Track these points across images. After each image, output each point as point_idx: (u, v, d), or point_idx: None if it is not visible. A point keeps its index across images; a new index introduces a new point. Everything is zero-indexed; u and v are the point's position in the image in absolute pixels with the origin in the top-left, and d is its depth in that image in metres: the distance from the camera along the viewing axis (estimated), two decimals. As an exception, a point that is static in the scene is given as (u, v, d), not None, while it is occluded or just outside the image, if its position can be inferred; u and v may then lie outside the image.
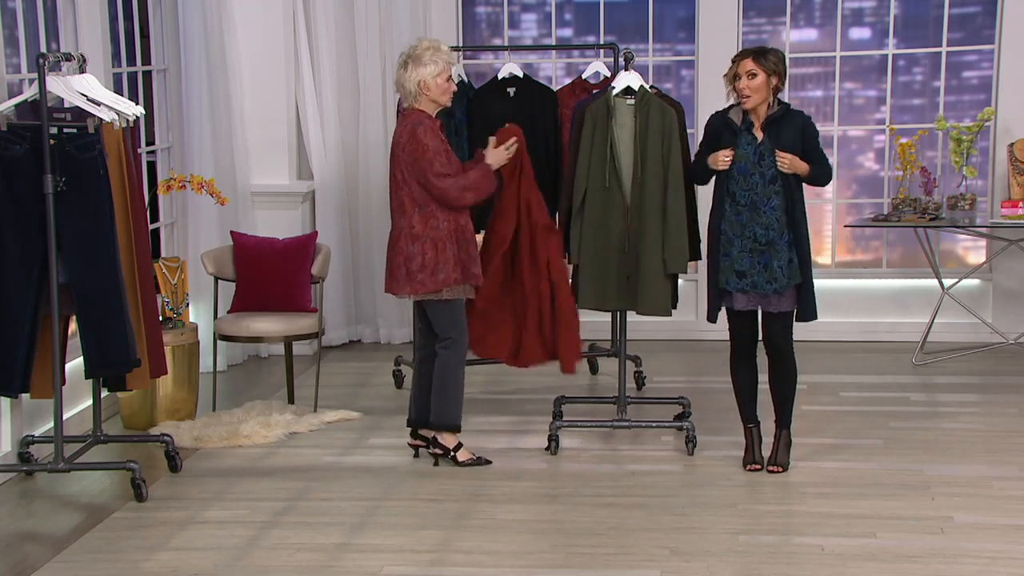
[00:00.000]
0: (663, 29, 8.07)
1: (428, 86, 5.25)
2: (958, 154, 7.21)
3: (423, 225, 5.26)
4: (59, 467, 5.12)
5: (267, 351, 7.53)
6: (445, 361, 5.40)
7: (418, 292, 5.29)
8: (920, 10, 7.85)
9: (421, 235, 5.27)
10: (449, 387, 5.41)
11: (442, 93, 5.29)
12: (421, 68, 5.25)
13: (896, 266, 7.87)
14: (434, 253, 5.25)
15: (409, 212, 5.27)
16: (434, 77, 5.25)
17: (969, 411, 6.25)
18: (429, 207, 5.26)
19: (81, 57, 5.25)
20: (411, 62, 5.27)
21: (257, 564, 4.47)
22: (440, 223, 5.26)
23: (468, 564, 4.44)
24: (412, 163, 5.22)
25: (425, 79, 5.25)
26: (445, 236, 5.26)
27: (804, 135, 5.15)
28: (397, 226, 5.33)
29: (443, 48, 5.31)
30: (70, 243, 5.02)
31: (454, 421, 5.44)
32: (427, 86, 5.25)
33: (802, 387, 5.75)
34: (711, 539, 4.62)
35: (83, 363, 5.15)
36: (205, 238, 7.00)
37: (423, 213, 5.26)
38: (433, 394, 5.46)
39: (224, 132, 7.15)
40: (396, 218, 5.34)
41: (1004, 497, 5.02)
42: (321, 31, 7.57)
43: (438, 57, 5.26)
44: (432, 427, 5.47)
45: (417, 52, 5.28)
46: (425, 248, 5.26)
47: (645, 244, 5.42)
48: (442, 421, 5.44)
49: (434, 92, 5.27)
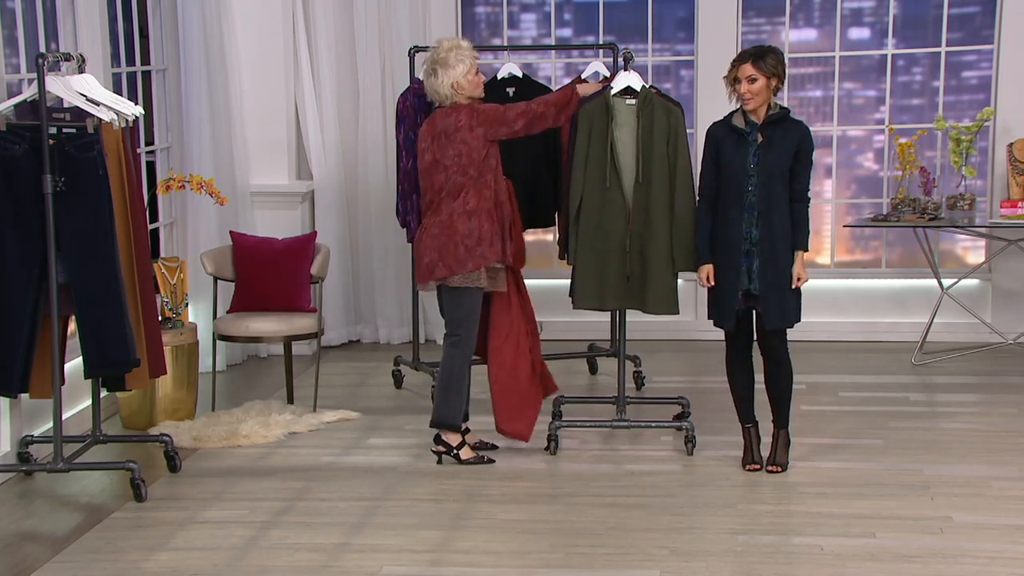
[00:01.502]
0: (662, 29, 8.07)
1: (461, 85, 5.34)
2: (957, 154, 7.21)
3: (477, 198, 5.33)
4: (58, 467, 5.12)
5: (266, 351, 7.53)
6: (452, 359, 5.42)
7: (480, 265, 5.33)
8: (919, 10, 7.85)
9: (476, 209, 5.34)
10: (453, 386, 5.43)
11: (475, 88, 5.40)
12: (451, 70, 5.32)
13: (895, 266, 7.87)
14: (490, 224, 5.35)
15: (466, 189, 5.33)
16: (465, 75, 5.34)
17: (968, 411, 6.25)
18: (484, 178, 5.34)
19: (80, 57, 5.25)
20: (439, 67, 5.34)
21: (256, 564, 4.47)
22: (491, 195, 5.36)
23: (467, 564, 4.44)
24: (483, 128, 5.31)
25: (457, 80, 5.33)
26: (492, 208, 5.37)
27: (799, 147, 5.14)
28: (447, 210, 5.35)
29: (463, 45, 5.40)
30: (69, 243, 5.02)
31: (455, 420, 5.45)
32: (460, 86, 5.34)
33: (801, 387, 5.76)
34: (710, 539, 4.62)
35: (82, 363, 5.15)
36: (204, 238, 7.00)
37: (477, 186, 5.34)
38: (436, 392, 5.47)
39: (223, 132, 7.15)
40: (447, 203, 5.35)
41: (1003, 497, 5.02)
42: (321, 31, 7.57)
43: (463, 55, 5.35)
44: (433, 425, 5.48)
45: (441, 56, 5.34)
46: (482, 221, 5.34)
47: (652, 244, 5.43)
48: (443, 419, 5.45)
49: (468, 89, 5.36)
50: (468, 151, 5.33)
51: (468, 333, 5.42)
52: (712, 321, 5.31)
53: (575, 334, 7.45)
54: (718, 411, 6.04)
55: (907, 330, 7.58)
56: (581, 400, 6.28)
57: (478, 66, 5.41)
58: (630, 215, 5.47)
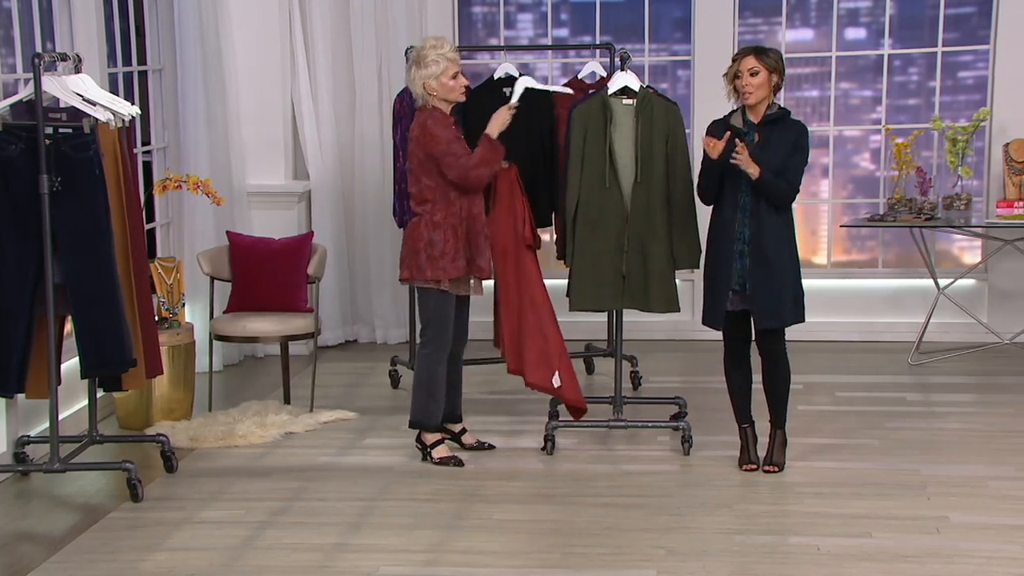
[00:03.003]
0: (659, 29, 8.08)
1: (432, 87, 5.27)
2: (953, 154, 7.22)
3: (444, 212, 5.31)
4: (55, 467, 5.11)
5: (263, 351, 7.53)
6: (422, 359, 5.45)
7: (438, 277, 5.33)
8: (915, 10, 7.86)
9: (442, 223, 5.31)
10: (424, 386, 5.44)
11: (449, 92, 5.30)
12: (422, 70, 5.26)
13: (892, 266, 7.88)
14: (454, 240, 5.32)
15: (430, 201, 5.31)
16: (437, 77, 5.25)
17: (965, 411, 6.26)
18: (448, 196, 5.30)
19: (77, 57, 5.24)
20: (415, 65, 5.30)
21: (253, 564, 4.46)
22: (457, 211, 5.31)
23: (464, 564, 4.44)
24: (426, 154, 5.26)
25: (428, 81, 5.26)
26: (457, 224, 5.32)
27: (795, 145, 5.12)
28: (418, 214, 5.37)
29: (445, 46, 5.30)
30: (66, 243, 5.02)
31: (428, 420, 5.47)
32: (431, 87, 5.27)
33: (798, 387, 5.76)
34: (707, 539, 4.62)
35: (79, 363, 5.14)
36: (201, 238, 6.99)
37: (444, 200, 5.31)
38: (412, 392, 5.51)
39: (220, 132, 7.15)
40: (414, 207, 5.37)
41: (1000, 497, 5.02)
42: (317, 31, 7.57)
43: (439, 56, 5.25)
44: (410, 425, 5.53)
45: (422, 53, 5.29)
46: (447, 235, 5.31)
47: (653, 243, 5.44)
48: (417, 419, 5.50)
49: (441, 92, 5.28)
50: (417, 162, 5.33)
51: (436, 333, 5.41)
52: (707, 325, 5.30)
53: (572, 334, 7.39)
54: (715, 411, 6.04)
55: (903, 330, 7.59)
56: (578, 400, 6.28)
57: (460, 71, 5.29)
58: (628, 215, 5.47)
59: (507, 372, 5.69)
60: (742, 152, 5.00)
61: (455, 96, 5.31)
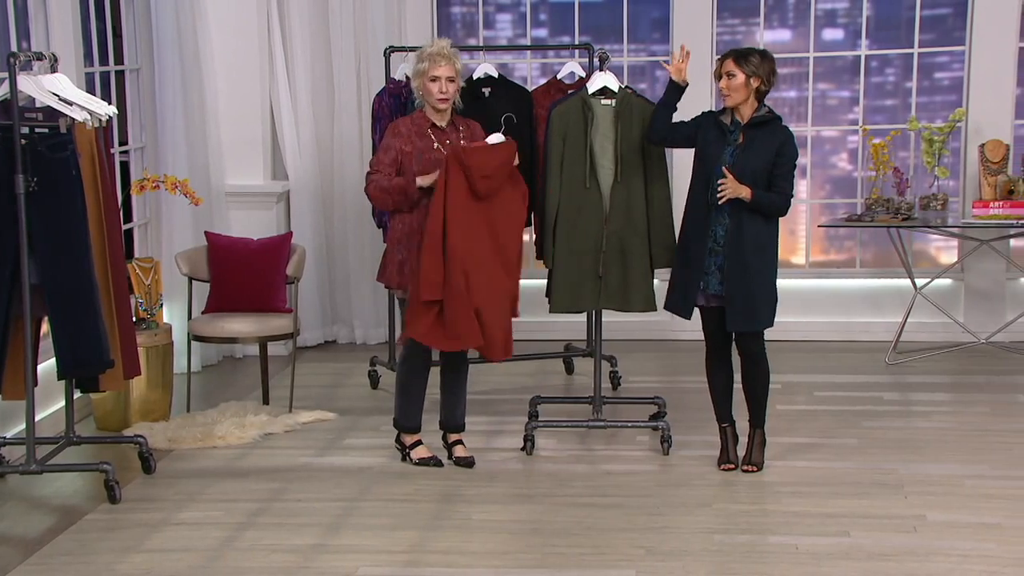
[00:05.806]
0: (637, 30, 8.09)
1: (416, 87, 5.26)
2: (930, 154, 7.26)
3: (400, 223, 5.31)
4: (31, 469, 5.08)
5: (242, 352, 7.50)
6: (399, 363, 5.46)
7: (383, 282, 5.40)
8: (892, 11, 7.90)
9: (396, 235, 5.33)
10: (400, 387, 5.46)
11: (426, 94, 5.24)
12: (414, 68, 5.25)
13: (869, 266, 7.91)
14: (401, 254, 5.30)
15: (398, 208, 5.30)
16: (420, 77, 5.23)
17: (941, 410, 6.29)
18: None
19: (52, 56, 5.21)
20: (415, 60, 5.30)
21: (232, 566, 4.45)
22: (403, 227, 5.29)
23: (444, 564, 4.44)
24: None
25: (414, 80, 5.26)
26: (403, 237, 5.29)
27: (779, 151, 5.14)
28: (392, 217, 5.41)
29: (427, 50, 5.23)
30: (42, 243, 4.98)
31: (407, 422, 5.47)
32: (415, 87, 5.26)
33: (776, 386, 5.78)
34: (686, 539, 4.63)
35: (56, 364, 5.11)
36: (179, 238, 6.97)
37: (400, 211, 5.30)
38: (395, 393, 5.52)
39: (198, 132, 7.12)
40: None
41: (976, 496, 5.05)
42: (295, 30, 7.55)
43: (422, 58, 5.22)
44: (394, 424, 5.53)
45: (420, 50, 5.27)
46: (393, 247, 5.32)
47: (632, 243, 5.45)
48: (397, 420, 5.50)
49: (423, 93, 5.25)
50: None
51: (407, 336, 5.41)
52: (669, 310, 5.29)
53: (551, 334, 7.45)
54: (694, 411, 6.05)
55: (881, 330, 7.62)
56: (557, 400, 6.29)
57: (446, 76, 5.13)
58: (607, 215, 5.48)
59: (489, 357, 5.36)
60: (726, 182, 5.04)
61: (433, 102, 5.23)
